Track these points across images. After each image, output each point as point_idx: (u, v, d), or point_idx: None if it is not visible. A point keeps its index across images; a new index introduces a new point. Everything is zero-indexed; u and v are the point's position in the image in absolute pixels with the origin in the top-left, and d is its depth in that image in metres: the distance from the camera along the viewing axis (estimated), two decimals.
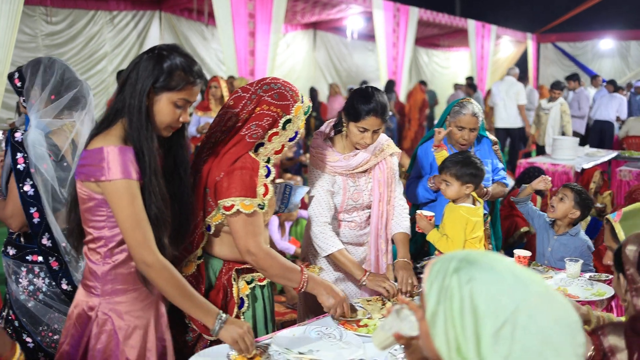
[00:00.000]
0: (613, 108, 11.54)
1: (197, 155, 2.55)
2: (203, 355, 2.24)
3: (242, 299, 2.55)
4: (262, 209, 2.40)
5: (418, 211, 3.34)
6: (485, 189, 3.55)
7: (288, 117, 2.46)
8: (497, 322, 1.15)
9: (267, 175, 2.44)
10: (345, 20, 14.10)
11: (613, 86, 12.59)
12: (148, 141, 2.10)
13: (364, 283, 2.95)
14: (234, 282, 2.52)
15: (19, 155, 2.56)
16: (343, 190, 3.10)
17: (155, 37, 11.86)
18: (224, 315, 2.22)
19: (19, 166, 2.55)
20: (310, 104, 2.58)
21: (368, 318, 2.63)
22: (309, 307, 3.18)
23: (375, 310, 2.71)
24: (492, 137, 3.87)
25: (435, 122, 3.80)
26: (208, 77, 11.59)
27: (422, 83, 14.99)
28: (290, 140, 2.51)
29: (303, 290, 2.51)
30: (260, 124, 2.44)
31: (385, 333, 1.49)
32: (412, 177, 3.87)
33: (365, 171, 3.15)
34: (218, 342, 2.36)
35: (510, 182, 5.33)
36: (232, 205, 2.36)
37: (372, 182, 3.18)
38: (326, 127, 3.24)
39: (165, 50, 2.14)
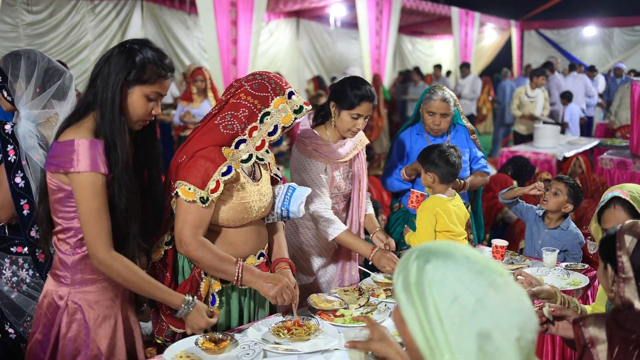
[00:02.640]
0: (580, 91, 11.56)
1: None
2: (176, 345, 2.26)
3: (213, 296, 2.53)
4: (203, 202, 2.35)
5: (412, 189, 3.40)
6: (462, 181, 3.56)
7: (266, 109, 2.42)
8: (447, 304, 1.21)
9: (225, 174, 2.38)
10: (328, 8, 14.05)
11: (593, 72, 12.65)
12: (120, 134, 2.12)
13: (371, 260, 3.03)
14: (204, 277, 2.50)
15: (9, 147, 2.55)
16: (331, 179, 3.16)
17: (137, 26, 11.76)
18: (192, 301, 2.28)
19: (9, 158, 2.54)
20: (307, 106, 2.49)
21: (345, 308, 2.65)
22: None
23: (352, 300, 2.73)
24: (469, 125, 3.88)
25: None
26: (187, 64, 11.56)
27: (417, 70, 14.90)
28: (270, 134, 2.45)
29: (240, 283, 2.42)
30: (235, 115, 2.42)
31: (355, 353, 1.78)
32: (388, 166, 3.89)
33: (346, 161, 3.19)
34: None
35: (492, 171, 5.34)
36: (175, 187, 2.37)
37: (351, 172, 3.24)
38: (306, 119, 3.27)
39: (136, 45, 2.17)
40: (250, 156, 2.46)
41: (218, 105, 2.48)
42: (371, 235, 3.29)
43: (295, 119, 2.48)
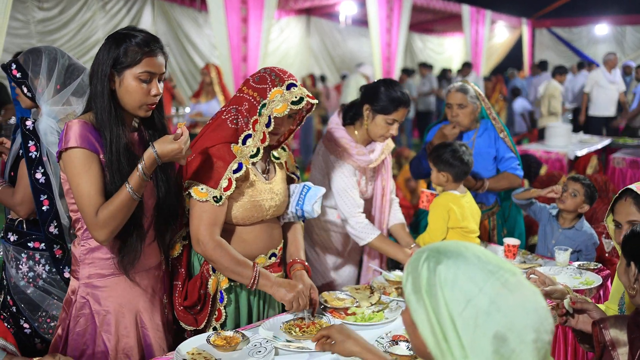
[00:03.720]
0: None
1: None
2: (188, 342, 2.25)
3: (221, 293, 2.52)
4: (217, 201, 2.36)
5: (422, 188, 3.37)
6: (479, 182, 3.52)
7: (264, 101, 2.39)
8: (460, 306, 1.18)
9: (236, 171, 2.38)
10: (339, 5, 14.01)
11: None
12: (112, 123, 2.12)
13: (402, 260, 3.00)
14: (212, 273, 2.51)
15: (30, 143, 2.58)
16: (358, 183, 3.11)
17: (148, 23, 11.79)
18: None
19: (30, 154, 2.57)
20: (303, 95, 2.40)
21: (356, 306, 2.64)
22: None
23: (364, 298, 2.72)
24: (498, 125, 3.78)
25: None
26: (201, 63, 11.58)
27: (426, 66, 14.86)
28: (267, 126, 2.39)
29: (255, 287, 2.42)
30: (239, 109, 2.43)
31: None
32: (418, 155, 3.84)
33: (373, 167, 3.17)
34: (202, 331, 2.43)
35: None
36: (187, 188, 2.37)
37: (375, 177, 3.21)
38: (337, 117, 3.19)
39: (119, 33, 2.16)
40: (258, 150, 2.43)
41: (227, 101, 2.48)
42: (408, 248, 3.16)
43: (292, 109, 2.40)
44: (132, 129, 2.30)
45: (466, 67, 13.70)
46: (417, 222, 3.96)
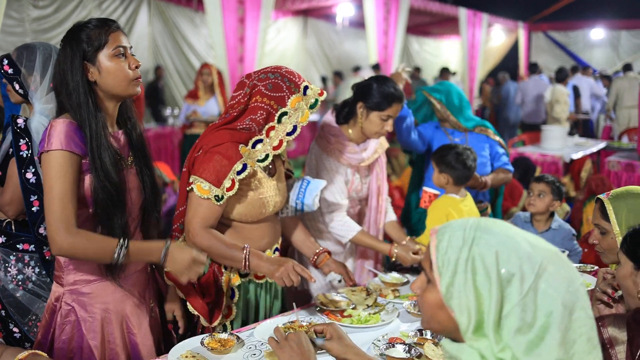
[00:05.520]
0: (585, 93, 11.53)
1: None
2: (182, 345, 2.23)
3: (232, 290, 2.53)
4: (218, 200, 2.35)
5: (424, 187, 3.36)
6: (482, 180, 3.50)
7: (284, 109, 2.39)
8: (523, 290, 1.18)
9: (240, 172, 2.37)
10: (336, 7, 14.00)
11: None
12: (90, 118, 2.07)
13: (394, 256, 3.02)
14: (224, 271, 2.51)
15: (22, 142, 2.49)
16: (351, 181, 3.11)
17: (144, 23, 11.75)
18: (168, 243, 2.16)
19: (21, 153, 2.49)
20: (321, 96, 2.43)
21: (352, 308, 2.62)
22: (293, 298, 3.19)
23: (360, 301, 2.70)
24: (486, 122, 3.84)
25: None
26: (197, 64, 11.54)
27: (416, 69, 14.93)
28: (289, 134, 2.41)
29: (248, 268, 2.44)
30: (254, 119, 2.39)
31: None
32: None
33: (367, 165, 3.15)
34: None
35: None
36: (191, 183, 2.36)
37: (370, 176, 3.20)
38: (330, 116, 3.19)
39: (71, 30, 2.12)
40: (267, 156, 2.43)
41: (237, 109, 2.43)
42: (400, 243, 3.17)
43: (307, 113, 2.44)
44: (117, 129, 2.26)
45: (445, 72, 13.76)
46: (410, 224, 3.96)
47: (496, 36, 19.85)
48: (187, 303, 2.50)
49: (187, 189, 2.40)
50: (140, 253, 2.13)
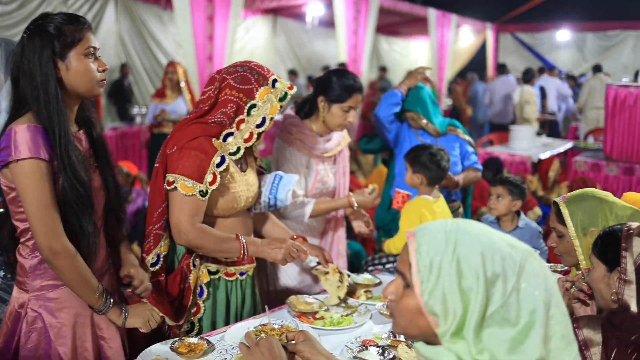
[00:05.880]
0: (551, 94, 11.67)
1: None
2: (150, 350, 2.19)
3: (201, 287, 2.50)
4: (203, 195, 2.34)
5: (397, 188, 3.35)
6: (454, 179, 3.50)
7: (252, 102, 2.39)
8: (506, 290, 1.18)
9: (219, 165, 2.37)
10: (306, 6, 13.96)
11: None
12: (60, 115, 1.99)
13: (355, 205, 3.08)
14: (193, 268, 2.47)
15: None
16: (315, 172, 3.11)
17: (111, 20, 11.56)
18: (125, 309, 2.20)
19: None
20: (290, 90, 2.45)
21: (325, 310, 2.59)
22: (264, 301, 3.17)
23: (333, 285, 2.68)
24: (455, 122, 3.87)
25: None
26: (165, 62, 11.40)
27: (382, 69, 14.98)
28: (258, 127, 2.42)
29: (247, 256, 2.46)
30: (225, 112, 2.39)
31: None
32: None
33: (330, 157, 3.15)
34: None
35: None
36: (173, 182, 2.31)
37: (336, 168, 3.21)
38: (290, 111, 3.21)
39: (38, 20, 2.03)
40: (239, 149, 2.43)
41: (208, 103, 2.41)
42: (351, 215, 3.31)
43: (281, 106, 2.44)
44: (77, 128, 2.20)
45: (381, 71, 13.89)
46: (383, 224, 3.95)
47: (464, 37, 20.00)
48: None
49: (168, 188, 2.35)
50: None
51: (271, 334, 2.30)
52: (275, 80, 2.44)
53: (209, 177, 2.34)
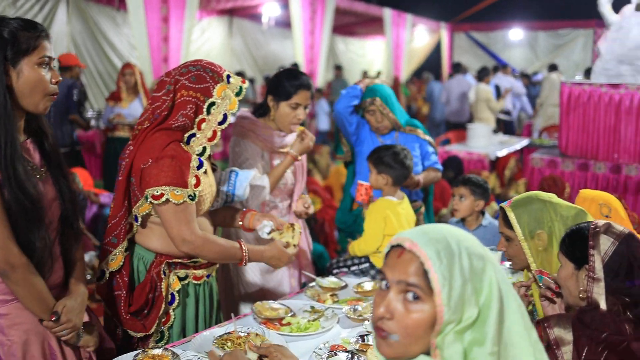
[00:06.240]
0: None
1: (125, 147, 2.43)
2: None
3: (172, 295, 2.44)
4: (192, 200, 2.31)
5: (359, 180, 3.32)
6: (415, 179, 3.50)
7: (211, 100, 2.35)
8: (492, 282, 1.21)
9: (199, 167, 2.35)
10: (262, 7, 13.91)
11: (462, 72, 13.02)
12: (6, 120, 1.90)
13: (299, 158, 3.10)
14: (163, 277, 2.41)
15: None
16: (270, 167, 3.10)
17: (63, 22, 11.30)
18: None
19: None
20: (244, 84, 2.44)
21: (291, 316, 2.55)
22: (229, 308, 3.13)
23: (288, 237, 2.73)
24: (415, 121, 3.85)
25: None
26: (120, 64, 11.20)
27: (338, 68, 14.97)
28: (220, 124, 2.40)
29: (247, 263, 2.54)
30: (185, 114, 2.34)
31: None
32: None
33: (287, 153, 3.13)
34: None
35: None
36: (162, 194, 2.25)
37: (294, 167, 3.21)
38: (245, 111, 3.22)
39: None
40: (204, 149, 2.40)
41: (164, 107, 2.35)
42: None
43: (235, 101, 2.43)
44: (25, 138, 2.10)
45: (337, 70, 13.95)
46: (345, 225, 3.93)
47: (420, 36, 20.20)
48: (113, 318, 2.42)
49: (158, 202, 2.27)
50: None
51: (237, 342, 2.25)
52: (229, 76, 2.43)
53: (192, 180, 2.31)
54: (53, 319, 2.01)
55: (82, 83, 7.80)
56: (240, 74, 13.59)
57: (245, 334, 2.30)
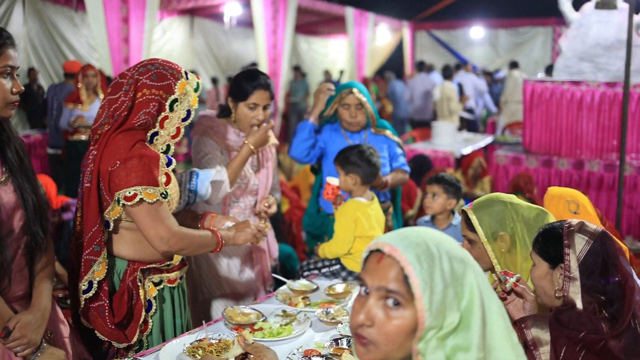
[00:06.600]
0: (468, 89, 11.93)
1: (86, 152, 2.37)
2: None
3: (149, 302, 2.39)
4: (164, 198, 2.26)
5: (328, 178, 3.27)
6: (383, 179, 3.47)
7: (173, 96, 2.33)
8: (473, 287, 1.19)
9: (168, 165, 2.32)
10: (223, 6, 13.79)
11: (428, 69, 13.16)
12: None
13: (253, 149, 2.98)
14: (139, 284, 2.35)
15: None
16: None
17: (19, 22, 11.02)
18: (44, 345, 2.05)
19: None
20: (200, 80, 2.44)
21: (263, 321, 2.51)
22: (199, 314, 3.08)
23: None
24: (384, 122, 3.83)
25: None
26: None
27: (297, 69, 14.90)
28: (184, 120, 2.39)
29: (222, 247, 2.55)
30: (148, 112, 2.30)
31: None
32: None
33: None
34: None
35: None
36: (135, 195, 2.20)
37: (259, 168, 3.16)
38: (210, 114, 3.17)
39: None
40: (169, 147, 2.38)
41: (124, 108, 2.30)
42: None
43: (195, 97, 2.43)
44: None
45: (296, 71, 13.97)
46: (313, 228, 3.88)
47: (382, 35, 20.26)
48: (95, 331, 2.34)
49: (131, 203, 2.22)
50: None
51: (208, 349, 2.19)
52: (185, 72, 2.43)
53: (162, 178, 2.29)
54: (2, 335, 1.93)
55: None
56: (193, 72, 13.49)
57: (217, 341, 2.25)
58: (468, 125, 11.93)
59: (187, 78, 2.39)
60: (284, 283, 2.92)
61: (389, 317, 1.16)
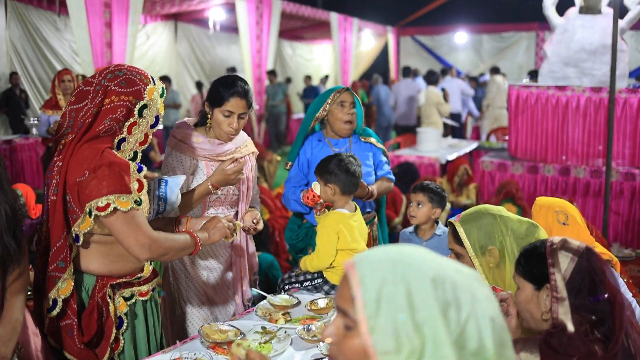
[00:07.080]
0: (455, 94, 11.91)
1: (50, 163, 2.27)
2: None
3: (120, 318, 2.30)
4: (139, 205, 2.18)
5: (314, 182, 3.15)
6: (369, 189, 3.38)
7: (142, 102, 2.27)
8: (460, 318, 1.05)
9: (139, 171, 2.25)
10: (208, 11, 13.69)
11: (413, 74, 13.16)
12: None
13: (216, 192, 2.93)
14: (109, 300, 2.26)
15: None
16: (206, 175, 2.94)
17: (1, 27, 10.87)
18: None
19: None
20: (163, 85, 2.38)
21: (241, 339, 2.41)
22: (175, 332, 2.99)
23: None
24: (369, 130, 3.74)
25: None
26: (59, 68, 10.83)
27: (272, 73, 14.66)
28: (152, 126, 2.33)
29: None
30: (114, 117, 2.22)
31: None
32: (290, 177, 3.64)
33: (234, 160, 2.97)
34: None
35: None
36: (108, 205, 2.12)
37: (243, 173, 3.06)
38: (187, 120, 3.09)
39: None
40: (136, 153, 2.32)
41: (89, 114, 2.21)
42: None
43: (161, 102, 2.38)
44: None
45: (271, 75, 13.86)
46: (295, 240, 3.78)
47: (366, 40, 20.26)
48: (63, 351, 2.25)
49: (104, 214, 2.14)
50: None
51: None
52: (152, 78, 2.37)
53: (135, 185, 2.21)
54: None
55: None
56: (166, 77, 13.32)
57: None
58: (452, 131, 11.90)
59: (154, 83, 2.33)
60: (264, 297, 2.83)
61: (344, 337, 1.12)
